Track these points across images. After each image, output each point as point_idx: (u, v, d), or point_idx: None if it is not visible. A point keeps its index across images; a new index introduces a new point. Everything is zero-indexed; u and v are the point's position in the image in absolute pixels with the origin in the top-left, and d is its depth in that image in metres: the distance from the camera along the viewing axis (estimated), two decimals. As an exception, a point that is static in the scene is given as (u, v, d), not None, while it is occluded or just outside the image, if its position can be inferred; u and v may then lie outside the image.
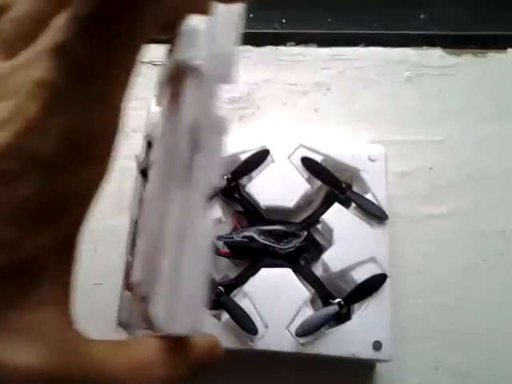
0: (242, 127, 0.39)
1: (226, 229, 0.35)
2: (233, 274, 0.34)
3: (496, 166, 0.38)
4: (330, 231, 0.33)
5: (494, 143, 0.38)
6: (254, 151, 0.34)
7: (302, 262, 0.33)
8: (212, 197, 0.32)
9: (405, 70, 0.40)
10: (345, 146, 0.35)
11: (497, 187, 0.38)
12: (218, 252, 0.35)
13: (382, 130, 0.38)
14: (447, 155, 0.38)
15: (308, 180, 0.34)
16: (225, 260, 0.35)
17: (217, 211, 0.34)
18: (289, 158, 0.34)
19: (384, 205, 0.33)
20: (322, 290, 0.33)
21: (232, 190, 0.34)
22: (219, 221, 0.34)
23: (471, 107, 0.39)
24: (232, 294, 0.32)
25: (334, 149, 0.34)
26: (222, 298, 0.31)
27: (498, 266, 0.36)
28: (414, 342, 0.34)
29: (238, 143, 0.34)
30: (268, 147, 0.34)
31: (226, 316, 0.31)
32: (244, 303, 0.31)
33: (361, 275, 0.32)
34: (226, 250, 0.35)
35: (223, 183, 0.34)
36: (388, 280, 0.31)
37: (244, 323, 0.30)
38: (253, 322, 0.31)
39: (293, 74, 0.40)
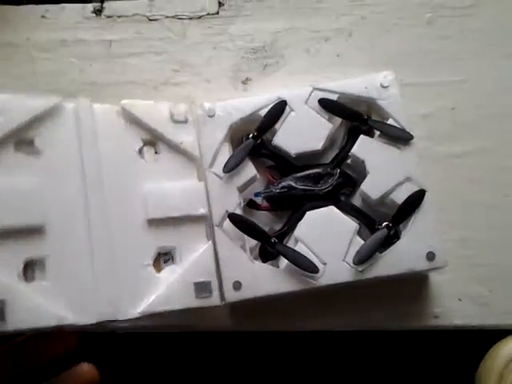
0: (267, 76, 0.39)
1: (260, 186, 0.36)
2: (277, 226, 0.35)
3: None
4: (361, 163, 0.34)
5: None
6: (272, 104, 0.35)
7: (342, 198, 0.35)
8: (242, 158, 0.34)
9: (426, 12, 0.40)
10: (356, 80, 0.36)
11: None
12: (258, 207, 0.36)
13: (404, 73, 0.38)
14: (469, 95, 0.39)
15: (329, 120, 0.35)
16: (266, 214, 0.36)
17: (250, 169, 0.35)
18: (306, 103, 0.35)
19: (406, 126, 0.34)
20: (366, 219, 0.34)
21: (259, 148, 0.35)
22: (254, 179, 0.35)
23: (492, 46, 0.40)
24: (284, 242, 0.34)
25: (346, 85, 0.35)
26: (277, 246, 0.33)
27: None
28: (438, 274, 0.36)
29: (261, 93, 0.36)
30: (284, 97, 0.35)
31: (284, 262, 0.33)
32: (298, 247, 0.33)
33: (401, 196, 0.33)
34: (265, 204, 0.36)
35: (250, 142, 0.35)
36: (427, 194, 0.33)
37: (304, 264, 0.32)
38: (312, 262, 0.32)
39: (314, 21, 0.40)
